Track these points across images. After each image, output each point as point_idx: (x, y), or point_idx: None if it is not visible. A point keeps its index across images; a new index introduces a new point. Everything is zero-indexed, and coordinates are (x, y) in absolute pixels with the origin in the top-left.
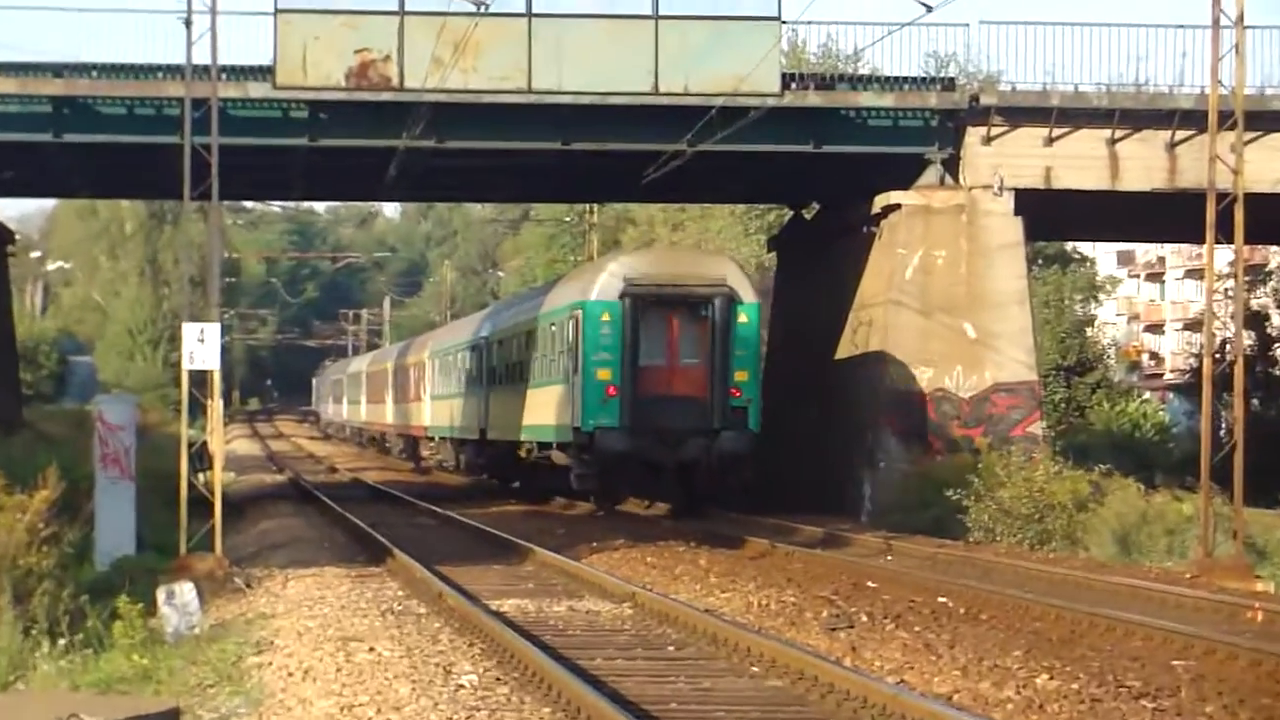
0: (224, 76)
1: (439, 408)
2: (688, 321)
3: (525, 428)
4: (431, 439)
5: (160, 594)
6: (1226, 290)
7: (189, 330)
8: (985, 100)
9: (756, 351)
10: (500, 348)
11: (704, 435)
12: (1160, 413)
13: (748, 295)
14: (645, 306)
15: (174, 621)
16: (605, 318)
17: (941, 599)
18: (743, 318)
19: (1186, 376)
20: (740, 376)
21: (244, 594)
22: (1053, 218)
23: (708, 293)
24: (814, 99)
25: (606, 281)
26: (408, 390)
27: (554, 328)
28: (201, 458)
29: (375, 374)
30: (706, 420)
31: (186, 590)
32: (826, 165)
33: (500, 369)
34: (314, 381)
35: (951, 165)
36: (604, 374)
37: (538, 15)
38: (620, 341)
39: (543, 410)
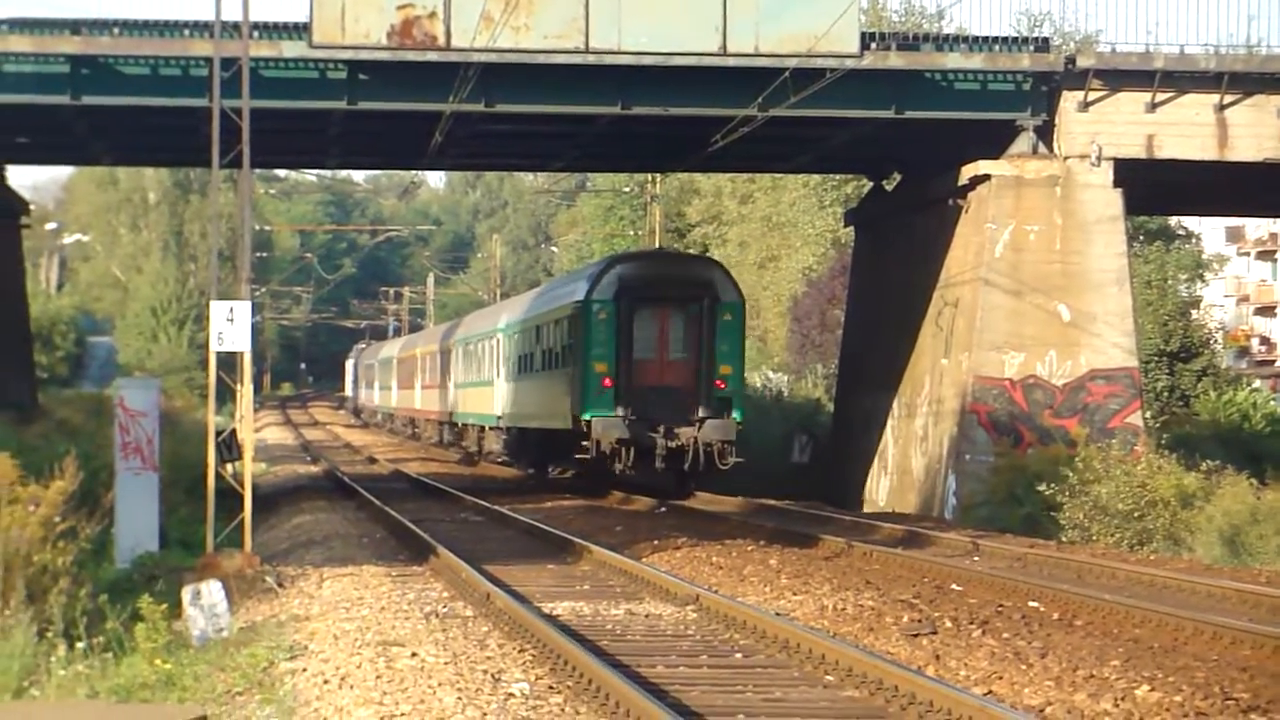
0: (256, 34)
1: (503, 392)
2: (677, 319)
3: (532, 415)
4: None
5: (185, 594)
6: None
7: (217, 309)
8: (1082, 62)
9: (740, 347)
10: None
11: (691, 423)
12: (1271, 403)
13: (731, 295)
14: (639, 305)
15: (200, 624)
16: (602, 315)
17: (1032, 603)
18: (727, 316)
19: None
20: (725, 370)
21: (276, 594)
22: (1155, 190)
23: (695, 293)
24: (896, 60)
25: (605, 282)
26: (468, 372)
27: (562, 323)
28: (230, 447)
29: (422, 357)
30: (694, 409)
31: (214, 590)
32: (909, 132)
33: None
34: (348, 364)
35: (1045, 133)
36: (601, 367)
37: None
38: (615, 337)
39: (548, 399)
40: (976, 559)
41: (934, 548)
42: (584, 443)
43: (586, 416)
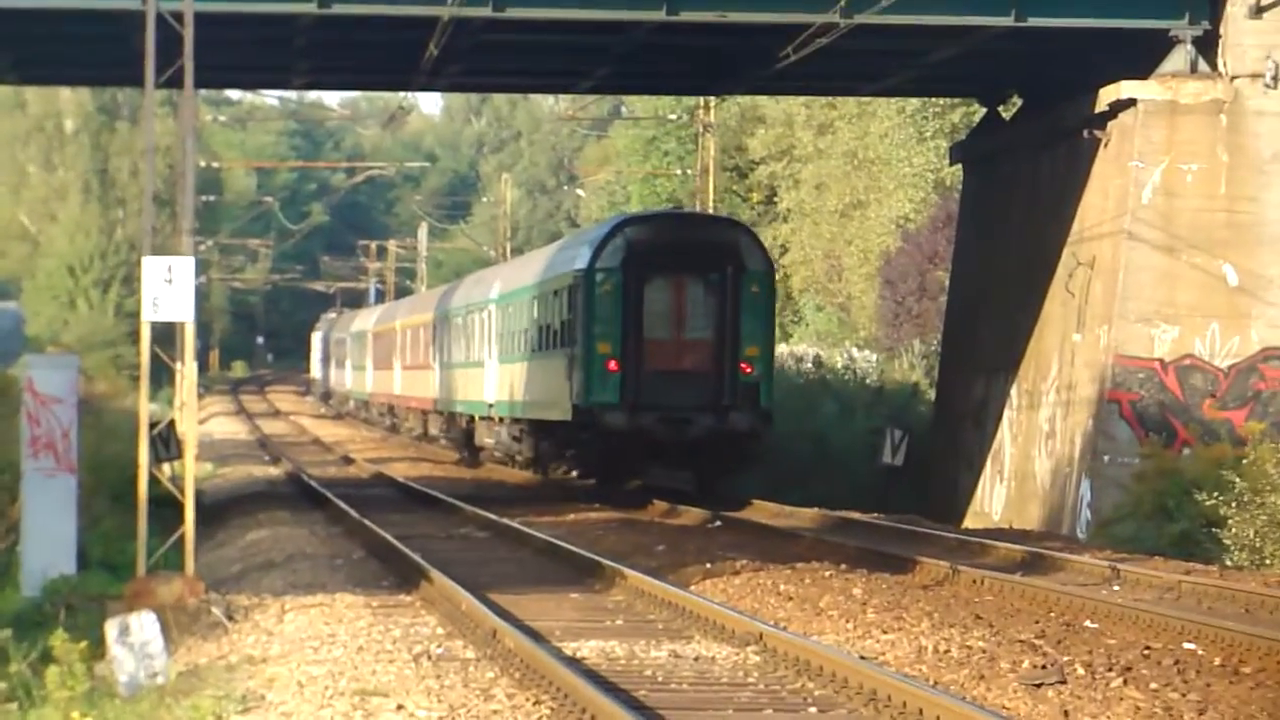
0: None
1: (494, 376)
2: (695, 291)
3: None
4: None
5: (110, 629)
6: None
7: (151, 267)
8: None
9: (770, 324)
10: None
11: (712, 413)
12: None
13: (758, 263)
14: (650, 275)
15: (129, 667)
16: (607, 287)
17: (1188, 645)
18: (755, 288)
19: None
20: (751, 351)
21: (224, 630)
22: None
23: (717, 261)
24: None
25: (610, 248)
26: (456, 351)
27: (558, 296)
28: (168, 443)
29: (403, 331)
30: (716, 397)
31: (146, 624)
32: (1032, 45)
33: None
34: (314, 338)
35: (1207, 45)
36: (604, 347)
37: None
38: (623, 313)
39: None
40: (1117, 588)
41: (1062, 574)
42: (585, 436)
43: (589, 406)
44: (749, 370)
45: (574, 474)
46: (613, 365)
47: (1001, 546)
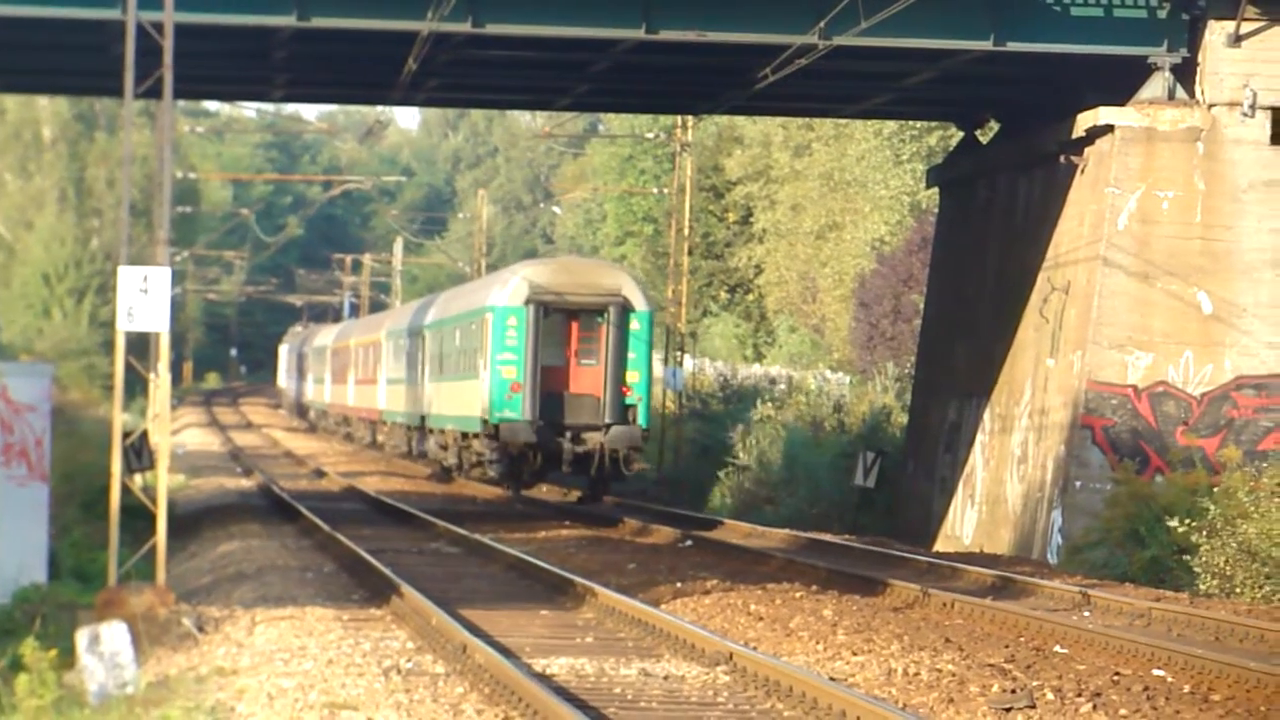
0: None
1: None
2: (586, 327)
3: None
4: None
5: (81, 639)
6: None
7: (127, 276)
8: None
9: (647, 354)
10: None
11: (598, 429)
12: None
13: (640, 304)
14: (548, 312)
15: (99, 676)
16: (512, 321)
17: (1158, 671)
18: (635, 324)
19: None
20: (632, 377)
21: (195, 641)
22: None
23: (604, 301)
24: None
25: (515, 288)
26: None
27: (474, 326)
28: (140, 453)
29: (356, 349)
30: (600, 415)
31: (116, 634)
32: (1011, 70)
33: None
34: (282, 350)
35: (1185, 73)
36: (509, 372)
37: None
38: (524, 343)
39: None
40: (1087, 614)
41: (1032, 598)
42: (493, 445)
43: (495, 420)
44: (629, 393)
45: (489, 474)
46: (515, 387)
47: (972, 570)
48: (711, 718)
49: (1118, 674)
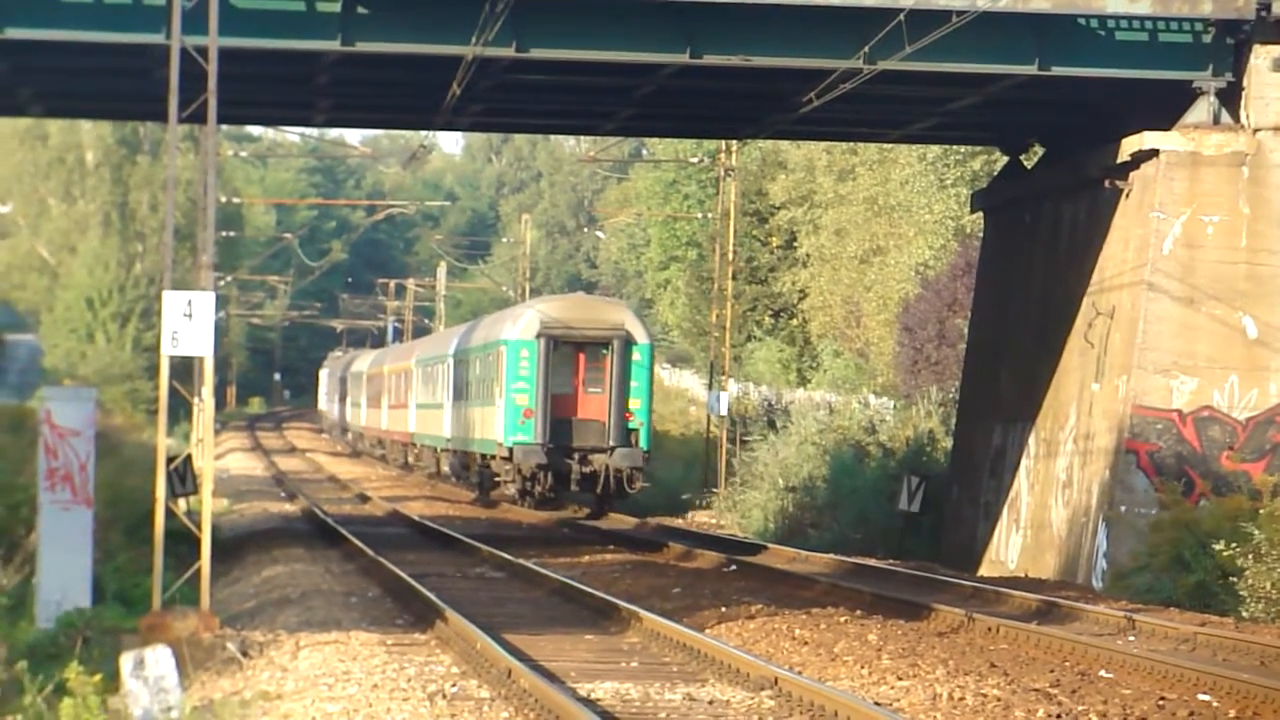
0: None
1: (450, 416)
2: (592, 358)
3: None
4: None
5: (125, 663)
6: None
7: (171, 301)
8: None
9: (649, 383)
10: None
11: (603, 451)
12: None
13: (641, 338)
14: (557, 344)
15: (143, 701)
16: (524, 353)
17: (1203, 697)
18: (637, 356)
19: None
20: (634, 404)
21: (239, 666)
22: None
23: (609, 335)
24: (1040, 3)
25: (527, 322)
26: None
27: (491, 357)
28: (184, 478)
29: (388, 375)
30: (606, 439)
31: (161, 658)
32: (1055, 94)
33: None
34: (322, 375)
35: (1231, 98)
36: (522, 399)
37: None
38: (536, 373)
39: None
40: (1132, 639)
41: (1078, 623)
42: (508, 466)
43: (509, 444)
44: (631, 418)
45: (509, 492)
46: (528, 413)
47: (1017, 595)
48: None
49: (1163, 699)
